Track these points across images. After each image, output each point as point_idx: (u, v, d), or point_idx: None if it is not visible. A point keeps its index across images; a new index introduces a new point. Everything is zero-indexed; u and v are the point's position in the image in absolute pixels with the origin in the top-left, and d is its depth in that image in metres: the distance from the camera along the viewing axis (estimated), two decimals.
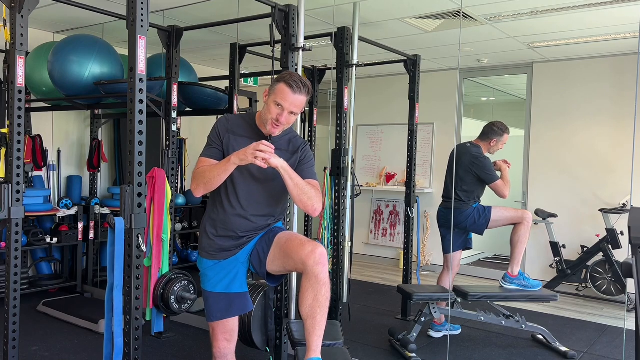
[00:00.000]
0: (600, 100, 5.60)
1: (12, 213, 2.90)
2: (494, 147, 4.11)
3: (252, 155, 2.09)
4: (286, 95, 2.21)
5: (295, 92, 2.21)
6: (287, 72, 2.29)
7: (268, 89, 2.31)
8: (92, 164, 5.48)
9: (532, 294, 3.97)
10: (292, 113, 2.25)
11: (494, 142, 4.09)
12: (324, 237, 4.13)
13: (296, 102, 2.22)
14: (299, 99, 2.23)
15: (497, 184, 3.99)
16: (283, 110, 2.23)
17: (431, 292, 3.96)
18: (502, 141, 4.11)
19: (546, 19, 4.35)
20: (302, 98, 2.24)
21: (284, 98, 2.21)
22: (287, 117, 2.24)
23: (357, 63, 3.88)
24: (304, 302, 2.17)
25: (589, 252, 5.37)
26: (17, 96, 2.92)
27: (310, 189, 2.28)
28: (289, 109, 2.23)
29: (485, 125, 4.16)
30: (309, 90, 2.26)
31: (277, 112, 2.23)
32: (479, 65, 6.20)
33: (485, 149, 4.11)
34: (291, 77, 2.24)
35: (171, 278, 3.42)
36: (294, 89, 2.21)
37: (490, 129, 4.11)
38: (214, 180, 2.22)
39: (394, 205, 7.06)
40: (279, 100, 2.22)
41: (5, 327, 2.92)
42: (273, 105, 2.24)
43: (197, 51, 5.79)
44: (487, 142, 4.11)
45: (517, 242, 4.01)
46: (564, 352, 3.83)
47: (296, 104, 2.23)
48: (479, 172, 3.99)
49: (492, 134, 4.09)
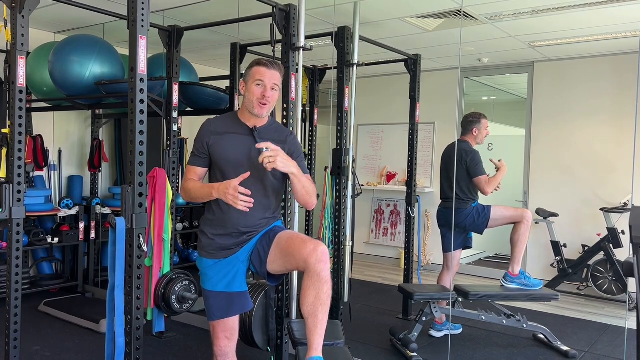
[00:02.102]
0: (601, 99, 5.59)
1: (13, 213, 2.90)
2: (479, 136, 4.12)
3: (232, 198, 2.16)
4: (263, 72, 2.33)
5: (270, 68, 2.34)
6: (257, 58, 2.43)
7: (242, 80, 2.43)
8: (93, 163, 5.48)
9: (533, 293, 3.97)
10: (273, 89, 2.36)
11: (476, 131, 4.11)
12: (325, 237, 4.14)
13: (274, 77, 2.35)
14: (275, 74, 2.36)
15: (482, 178, 3.97)
16: (265, 86, 2.33)
17: (432, 292, 3.96)
18: (483, 126, 4.13)
19: (547, 18, 4.35)
20: (277, 73, 2.37)
21: (262, 74, 2.34)
22: (270, 93, 2.34)
23: (358, 62, 3.88)
24: (305, 300, 2.18)
25: (590, 251, 5.37)
26: (18, 96, 2.92)
27: (310, 186, 2.39)
28: (269, 84, 2.34)
29: (462, 121, 4.22)
30: (280, 67, 2.40)
31: (260, 90, 2.34)
32: (479, 64, 6.20)
33: (472, 141, 4.13)
34: (261, 58, 2.41)
35: (172, 278, 3.42)
36: (267, 66, 2.35)
37: (466, 122, 4.16)
38: (198, 200, 2.38)
39: (395, 204, 7.06)
40: (257, 78, 2.34)
41: (7, 327, 2.92)
42: (254, 86, 2.34)
43: (197, 51, 5.79)
44: (470, 134, 4.13)
45: (517, 241, 4.00)
46: (565, 351, 3.83)
47: (274, 79, 2.35)
48: (468, 163, 3.97)
49: (470, 124, 4.13)
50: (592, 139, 5.65)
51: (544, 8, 4.11)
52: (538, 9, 4.13)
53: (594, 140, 5.64)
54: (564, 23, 4.49)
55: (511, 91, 7.90)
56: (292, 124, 3.27)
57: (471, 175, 3.99)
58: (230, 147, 2.37)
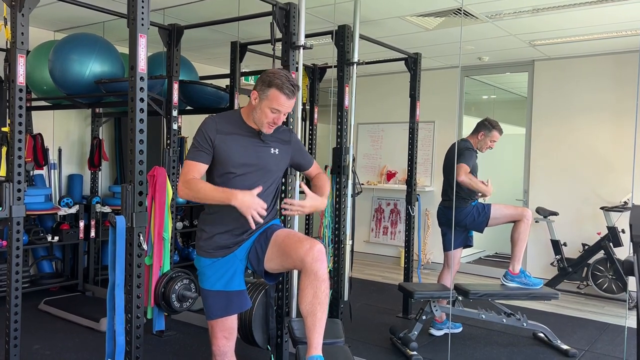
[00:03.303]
0: (601, 98, 5.59)
1: (13, 212, 2.90)
2: (481, 141, 4.11)
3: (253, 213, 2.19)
4: (281, 101, 2.29)
5: (290, 98, 2.31)
6: (276, 75, 2.30)
7: (257, 91, 2.33)
8: (93, 162, 5.48)
9: (533, 292, 3.97)
10: (285, 114, 2.37)
11: (482, 136, 4.10)
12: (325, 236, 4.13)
13: (291, 106, 2.34)
14: (292, 103, 2.34)
15: (462, 166, 3.89)
16: (280, 114, 2.32)
17: (432, 290, 3.96)
18: (490, 137, 4.10)
19: (547, 16, 4.34)
20: (294, 101, 2.35)
21: (280, 104, 2.29)
22: (282, 118, 2.36)
23: (358, 61, 3.87)
24: (303, 299, 2.18)
25: (590, 250, 5.37)
26: (18, 95, 2.92)
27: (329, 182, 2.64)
28: (285, 112, 2.34)
29: (478, 122, 4.20)
30: (299, 89, 2.41)
31: (274, 116, 2.32)
32: (479, 63, 6.20)
33: (474, 143, 4.12)
34: (282, 82, 2.27)
35: (172, 276, 3.42)
36: (289, 96, 2.30)
37: (481, 123, 4.15)
38: (204, 202, 2.32)
39: (395, 203, 7.06)
40: (275, 107, 2.29)
41: (7, 326, 2.92)
42: (268, 110, 2.30)
43: (197, 49, 5.79)
44: (475, 136, 4.14)
45: (517, 239, 4.00)
46: (565, 350, 3.83)
47: (291, 107, 2.35)
48: (459, 156, 3.91)
49: (481, 127, 4.12)
50: (592, 137, 5.64)
51: (544, 7, 4.10)
52: (538, 7, 4.12)
53: (594, 139, 5.64)
54: (564, 22, 4.49)
55: (511, 90, 7.89)
56: (292, 123, 3.27)
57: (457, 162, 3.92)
58: (237, 148, 2.35)
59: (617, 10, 4.16)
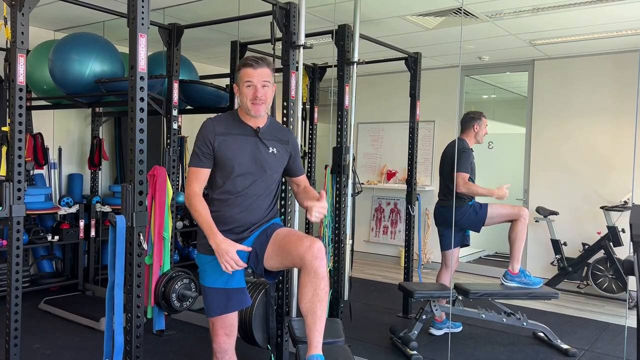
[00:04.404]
0: (601, 98, 5.59)
1: (14, 211, 2.90)
2: (479, 133, 4.13)
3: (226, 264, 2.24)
4: (249, 73, 2.32)
5: (257, 67, 2.32)
6: (243, 58, 2.41)
7: (234, 84, 2.43)
8: (93, 162, 5.48)
9: (533, 291, 3.97)
10: (265, 86, 2.34)
11: (477, 127, 4.11)
12: (325, 235, 4.14)
13: (262, 74, 2.33)
14: (263, 71, 2.34)
15: (461, 175, 3.91)
16: (255, 86, 2.33)
17: (432, 290, 3.96)
18: (483, 125, 4.13)
19: (547, 16, 4.34)
20: (265, 69, 2.34)
21: (249, 75, 2.33)
22: (262, 90, 2.33)
23: (358, 61, 3.87)
24: (303, 297, 2.18)
25: (590, 249, 5.37)
26: (18, 94, 2.92)
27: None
28: (259, 83, 2.32)
29: (462, 119, 4.21)
30: (268, 62, 2.38)
31: (252, 91, 2.33)
32: (480, 62, 6.19)
33: (471, 139, 4.12)
34: (246, 58, 2.37)
35: (172, 276, 3.42)
36: (254, 65, 2.32)
37: (467, 118, 4.16)
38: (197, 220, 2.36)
39: (395, 203, 7.06)
40: (246, 80, 2.33)
41: (7, 325, 2.92)
42: (245, 88, 2.35)
43: (197, 49, 5.79)
44: (470, 131, 4.13)
45: (515, 239, 4.00)
46: (565, 349, 3.83)
47: (263, 76, 2.33)
48: (458, 161, 3.88)
49: (471, 121, 4.12)
50: (593, 137, 5.64)
51: (545, 6, 4.10)
52: (538, 7, 4.12)
53: (594, 138, 5.64)
54: (564, 21, 4.49)
55: (511, 89, 7.89)
56: (292, 122, 3.27)
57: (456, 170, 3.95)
58: (236, 148, 2.36)
59: (617, 10, 4.15)
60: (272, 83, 2.39)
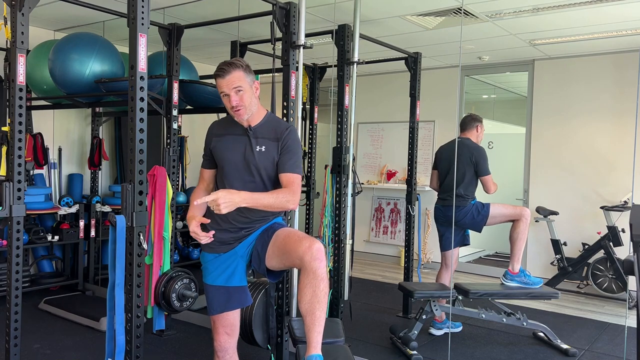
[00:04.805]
0: (601, 98, 5.59)
1: (14, 211, 2.90)
2: (480, 135, 4.18)
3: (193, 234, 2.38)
4: (220, 83, 2.32)
5: (225, 75, 2.30)
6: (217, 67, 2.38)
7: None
8: (93, 162, 5.48)
9: (533, 291, 3.97)
10: (238, 90, 2.30)
11: (479, 128, 4.17)
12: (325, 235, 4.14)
13: (230, 80, 2.30)
14: (232, 77, 2.30)
15: (489, 178, 4.03)
16: (228, 95, 2.32)
17: (432, 290, 3.96)
18: (482, 126, 4.20)
19: (547, 16, 4.34)
20: (233, 75, 2.30)
21: (221, 85, 2.33)
22: (235, 97, 2.31)
23: (358, 61, 3.87)
24: (302, 298, 2.19)
25: (590, 249, 5.37)
26: (18, 94, 2.92)
27: (277, 198, 2.27)
28: (231, 90, 2.30)
29: (463, 120, 4.24)
30: (237, 64, 2.32)
31: (227, 100, 2.34)
32: (480, 62, 6.20)
33: (474, 139, 4.15)
34: (217, 67, 2.34)
35: (172, 276, 3.42)
36: (221, 75, 2.31)
37: (470, 119, 4.19)
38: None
39: (395, 203, 7.06)
40: (220, 90, 2.35)
41: (7, 325, 2.92)
42: (222, 98, 2.36)
43: (197, 49, 5.79)
44: (474, 131, 4.16)
45: (516, 239, 4.01)
46: (565, 349, 3.83)
47: (232, 81, 2.30)
48: (480, 161, 3.99)
49: (474, 122, 4.16)
50: (593, 137, 5.64)
51: (545, 6, 4.10)
52: (538, 7, 4.12)
53: (594, 138, 5.64)
54: (564, 21, 4.49)
55: (511, 89, 7.89)
56: (292, 122, 3.27)
57: (479, 173, 4.01)
58: (228, 147, 2.43)
59: (617, 10, 4.15)
60: (248, 83, 2.34)
